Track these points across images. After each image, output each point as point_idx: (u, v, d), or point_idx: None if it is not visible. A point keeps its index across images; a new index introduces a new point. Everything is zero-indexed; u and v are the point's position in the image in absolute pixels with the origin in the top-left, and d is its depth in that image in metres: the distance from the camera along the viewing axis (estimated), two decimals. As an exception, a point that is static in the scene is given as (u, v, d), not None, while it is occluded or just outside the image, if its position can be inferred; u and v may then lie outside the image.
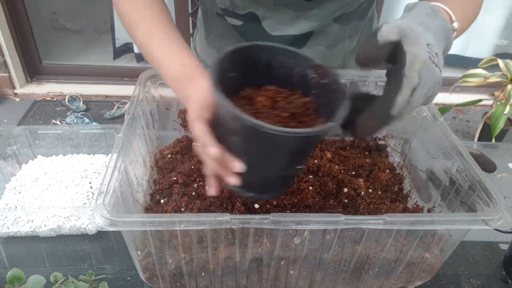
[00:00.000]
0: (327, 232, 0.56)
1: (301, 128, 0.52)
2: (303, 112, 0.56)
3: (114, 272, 0.69)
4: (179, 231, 0.55)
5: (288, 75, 0.58)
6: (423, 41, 0.52)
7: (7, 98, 2.60)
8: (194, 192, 0.69)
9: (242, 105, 0.54)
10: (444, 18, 0.57)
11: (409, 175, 0.79)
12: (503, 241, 0.78)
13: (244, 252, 0.58)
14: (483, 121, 2.14)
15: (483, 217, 0.54)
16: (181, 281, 0.63)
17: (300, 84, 0.58)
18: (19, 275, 0.52)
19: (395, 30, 0.51)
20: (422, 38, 0.52)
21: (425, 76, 0.51)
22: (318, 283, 0.65)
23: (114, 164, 0.58)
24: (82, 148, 0.89)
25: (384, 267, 0.63)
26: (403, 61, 0.50)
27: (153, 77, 0.77)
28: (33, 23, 2.57)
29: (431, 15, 0.56)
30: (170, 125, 0.84)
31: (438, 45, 0.54)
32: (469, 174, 0.62)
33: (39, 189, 0.79)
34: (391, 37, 0.51)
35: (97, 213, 0.50)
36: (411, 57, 0.50)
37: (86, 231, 0.75)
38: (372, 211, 0.68)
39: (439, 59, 0.52)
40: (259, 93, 0.56)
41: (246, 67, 0.55)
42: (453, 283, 0.70)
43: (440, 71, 0.52)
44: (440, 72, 0.52)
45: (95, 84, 2.72)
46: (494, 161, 0.92)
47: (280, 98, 0.56)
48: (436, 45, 0.54)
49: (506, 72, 1.99)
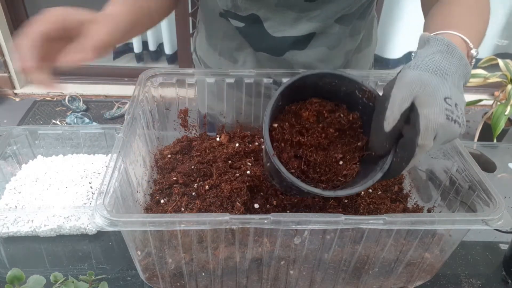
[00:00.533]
0: (327, 232, 0.56)
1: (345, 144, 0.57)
2: (349, 127, 0.58)
3: (114, 272, 0.69)
4: (179, 231, 0.55)
5: (334, 91, 0.59)
6: (439, 97, 0.48)
7: (7, 98, 2.60)
8: (194, 192, 0.69)
9: (289, 120, 0.58)
10: (461, 54, 0.53)
11: (409, 175, 0.79)
12: (503, 241, 0.78)
13: (244, 252, 0.58)
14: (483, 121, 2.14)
15: (483, 217, 0.53)
16: (181, 281, 0.63)
17: (345, 100, 0.59)
18: (19, 275, 0.52)
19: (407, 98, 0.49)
20: (438, 94, 0.49)
21: (440, 137, 0.49)
22: (318, 283, 0.65)
23: (114, 164, 0.58)
24: (82, 148, 0.89)
25: (384, 267, 0.63)
26: (417, 127, 0.48)
27: (153, 77, 0.77)
28: (33, 23, 2.57)
29: (447, 54, 0.52)
30: (170, 125, 0.84)
31: (457, 91, 0.51)
32: (469, 174, 0.62)
33: (39, 189, 0.79)
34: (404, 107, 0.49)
35: (97, 213, 0.50)
36: (425, 123, 0.48)
37: (86, 231, 0.75)
38: (372, 211, 0.68)
39: (458, 110, 0.49)
40: (304, 107, 0.58)
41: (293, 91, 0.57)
42: (453, 283, 0.70)
43: (460, 125, 0.49)
44: (460, 127, 0.49)
45: (95, 84, 2.72)
46: (494, 161, 0.92)
47: (325, 112, 0.58)
48: (456, 93, 0.50)
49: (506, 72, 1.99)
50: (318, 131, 0.57)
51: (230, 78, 0.79)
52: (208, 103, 0.85)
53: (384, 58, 2.77)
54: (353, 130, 0.58)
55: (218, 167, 0.72)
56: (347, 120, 0.58)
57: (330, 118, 0.58)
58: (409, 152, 0.49)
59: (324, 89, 0.58)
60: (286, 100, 0.58)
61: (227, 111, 0.85)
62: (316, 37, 0.76)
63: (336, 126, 0.57)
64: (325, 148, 0.57)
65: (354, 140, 0.58)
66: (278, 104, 0.57)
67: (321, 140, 0.57)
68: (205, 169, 0.73)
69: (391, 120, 0.49)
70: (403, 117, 0.49)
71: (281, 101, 0.58)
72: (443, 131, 0.48)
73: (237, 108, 0.84)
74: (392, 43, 2.70)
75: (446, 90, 0.49)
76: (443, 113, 0.48)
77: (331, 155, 0.57)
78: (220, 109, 0.85)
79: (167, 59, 2.79)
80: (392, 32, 2.66)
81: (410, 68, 0.51)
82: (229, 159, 0.75)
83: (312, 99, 0.59)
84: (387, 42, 2.73)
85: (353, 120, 0.58)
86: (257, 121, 0.85)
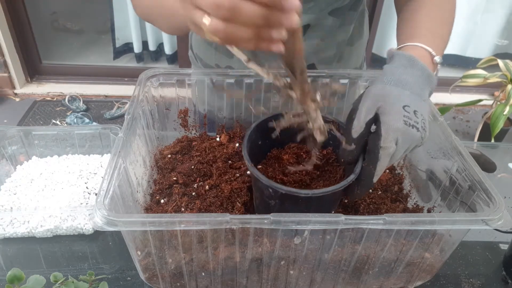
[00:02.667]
0: (327, 232, 0.56)
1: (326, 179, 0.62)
2: (326, 162, 0.64)
3: (113, 272, 0.69)
4: (179, 231, 0.55)
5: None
6: (397, 107, 0.55)
7: (7, 98, 2.60)
8: (194, 192, 0.69)
9: (272, 164, 0.65)
10: (422, 66, 0.59)
11: (409, 175, 0.79)
12: (503, 241, 0.78)
13: (244, 252, 0.58)
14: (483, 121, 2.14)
15: (483, 217, 0.54)
16: (181, 281, 0.63)
17: None
18: (19, 275, 0.52)
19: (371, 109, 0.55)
20: (397, 102, 0.55)
21: (401, 141, 0.54)
22: (318, 283, 0.65)
23: (114, 164, 0.58)
24: (77, 149, 0.89)
25: (384, 267, 0.63)
26: (379, 132, 0.54)
27: (153, 77, 0.77)
28: (33, 23, 2.57)
29: (408, 67, 0.59)
30: (170, 125, 0.84)
31: (417, 99, 0.57)
32: (469, 174, 0.62)
33: (34, 190, 0.79)
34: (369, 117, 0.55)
35: (97, 213, 0.50)
36: (386, 128, 0.54)
37: (83, 231, 0.75)
38: (372, 211, 0.68)
39: (418, 117, 0.55)
40: (284, 151, 0.66)
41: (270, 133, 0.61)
42: (453, 283, 0.70)
43: (419, 130, 0.55)
44: (418, 132, 0.55)
45: (95, 84, 2.72)
46: (494, 161, 0.92)
47: (302, 153, 0.65)
48: (415, 101, 0.57)
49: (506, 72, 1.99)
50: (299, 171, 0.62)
51: (230, 78, 0.79)
52: (208, 103, 0.85)
53: (384, 58, 2.77)
54: (330, 164, 0.65)
55: (218, 167, 0.72)
56: (322, 156, 0.64)
57: (306, 156, 0.64)
58: (374, 155, 0.55)
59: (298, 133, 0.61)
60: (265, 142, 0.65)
61: (227, 111, 0.85)
62: (310, 29, 0.78)
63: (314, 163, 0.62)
64: (308, 184, 0.62)
65: (333, 174, 0.63)
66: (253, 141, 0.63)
67: (302, 178, 0.61)
68: (205, 169, 0.73)
69: (358, 128, 0.56)
70: (368, 125, 0.55)
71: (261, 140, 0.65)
72: (402, 136, 0.54)
73: (237, 108, 0.84)
74: (392, 43, 2.70)
75: (405, 99, 0.56)
76: (401, 119, 0.54)
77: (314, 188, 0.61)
78: (220, 108, 0.85)
79: (167, 59, 2.79)
80: (392, 32, 2.65)
81: (375, 82, 0.59)
82: (229, 159, 0.75)
83: (290, 143, 0.66)
84: (387, 42, 2.73)
85: (328, 155, 0.65)
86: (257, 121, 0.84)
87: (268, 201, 0.59)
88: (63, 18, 3.22)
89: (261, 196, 0.60)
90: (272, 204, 0.58)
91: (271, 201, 0.58)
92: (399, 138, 0.54)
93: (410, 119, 0.54)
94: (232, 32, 0.39)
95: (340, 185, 0.55)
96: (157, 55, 2.82)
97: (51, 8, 3.27)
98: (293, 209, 0.57)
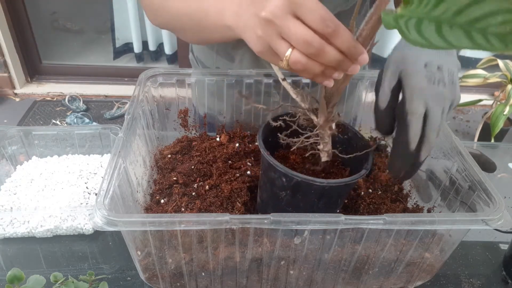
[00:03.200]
0: (327, 232, 0.56)
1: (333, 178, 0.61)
2: (331, 165, 0.65)
3: (113, 272, 0.69)
4: (179, 231, 0.55)
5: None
6: (419, 66, 0.52)
7: (7, 98, 2.60)
8: (194, 192, 0.69)
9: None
10: None
11: (409, 175, 0.79)
12: (503, 241, 0.78)
13: (244, 252, 0.58)
14: (483, 121, 2.14)
15: (483, 217, 0.54)
16: (181, 281, 0.63)
17: None
18: (19, 275, 0.52)
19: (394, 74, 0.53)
20: (418, 61, 0.53)
21: (431, 102, 0.51)
22: (318, 283, 0.65)
23: (114, 164, 0.58)
24: (77, 149, 0.89)
25: (384, 267, 0.63)
26: (404, 96, 0.53)
27: (153, 77, 0.77)
28: (33, 23, 2.57)
29: None
30: (170, 125, 0.84)
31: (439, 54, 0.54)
32: (469, 174, 0.62)
33: (34, 190, 0.79)
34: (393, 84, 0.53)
35: (97, 213, 0.50)
36: (409, 90, 0.52)
37: (83, 231, 0.75)
38: (372, 211, 0.68)
39: (443, 72, 0.53)
40: (291, 152, 0.65)
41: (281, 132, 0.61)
42: (453, 283, 0.70)
43: (446, 85, 0.52)
44: (445, 87, 0.52)
45: (95, 84, 2.72)
46: (494, 161, 0.92)
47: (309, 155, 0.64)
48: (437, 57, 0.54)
49: (506, 72, 1.99)
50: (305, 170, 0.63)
51: (230, 78, 0.79)
52: (208, 103, 0.85)
53: (384, 58, 2.77)
54: (335, 167, 0.65)
55: (218, 167, 0.72)
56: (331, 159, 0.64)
57: (313, 159, 0.64)
58: (403, 121, 0.52)
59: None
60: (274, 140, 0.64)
61: (227, 111, 0.85)
62: None
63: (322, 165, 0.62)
64: None
65: (338, 177, 0.64)
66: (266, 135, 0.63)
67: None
68: (205, 169, 0.73)
69: (384, 97, 0.54)
70: (393, 92, 0.54)
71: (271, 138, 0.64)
72: (429, 94, 0.51)
73: (237, 108, 0.84)
74: (392, 43, 2.70)
75: (424, 57, 0.53)
76: (424, 78, 0.52)
77: None
78: (220, 109, 0.85)
79: (167, 59, 2.79)
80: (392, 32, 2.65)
81: (394, 50, 0.57)
82: (229, 159, 0.75)
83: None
84: (387, 42, 2.73)
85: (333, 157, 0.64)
86: (257, 120, 0.85)
87: (278, 193, 0.58)
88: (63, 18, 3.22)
89: (271, 188, 0.60)
90: (282, 196, 0.58)
91: (282, 192, 0.58)
92: (428, 99, 0.51)
93: (434, 75, 0.52)
94: (309, 66, 0.44)
95: (354, 177, 0.55)
96: (157, 55, 2.82)
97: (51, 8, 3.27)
98: (303, 200, 0.57)
